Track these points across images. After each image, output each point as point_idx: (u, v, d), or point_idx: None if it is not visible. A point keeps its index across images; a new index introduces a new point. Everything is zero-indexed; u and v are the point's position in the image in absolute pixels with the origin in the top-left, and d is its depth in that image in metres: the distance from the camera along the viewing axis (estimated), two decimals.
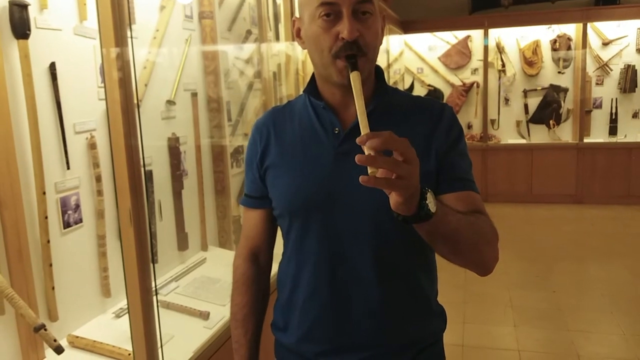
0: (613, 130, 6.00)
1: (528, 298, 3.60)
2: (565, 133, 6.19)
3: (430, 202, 0.82)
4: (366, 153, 0.74)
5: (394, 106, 1.08)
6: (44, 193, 1.56)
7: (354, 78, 0.91)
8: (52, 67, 1.61)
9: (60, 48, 1.65)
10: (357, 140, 0.74)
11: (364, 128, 0.80)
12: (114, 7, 1.23)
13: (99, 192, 1.78)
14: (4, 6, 1.45)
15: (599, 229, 5.17)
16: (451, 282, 3.64)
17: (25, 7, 1.48)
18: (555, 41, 6.05)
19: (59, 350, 1.43)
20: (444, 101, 6.39)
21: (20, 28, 1.48)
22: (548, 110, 6.15)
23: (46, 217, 1.57)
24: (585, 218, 5.53)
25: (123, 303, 1.82)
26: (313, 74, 1.10)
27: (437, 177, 1.02)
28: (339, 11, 0.95)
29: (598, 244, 4.70)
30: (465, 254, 0.96)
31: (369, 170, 0.74)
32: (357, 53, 0.96)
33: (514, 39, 6.18)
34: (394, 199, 0.79)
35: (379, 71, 1.10)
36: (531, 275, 4.01)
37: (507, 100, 6.32)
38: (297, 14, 1.08)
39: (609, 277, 3.94)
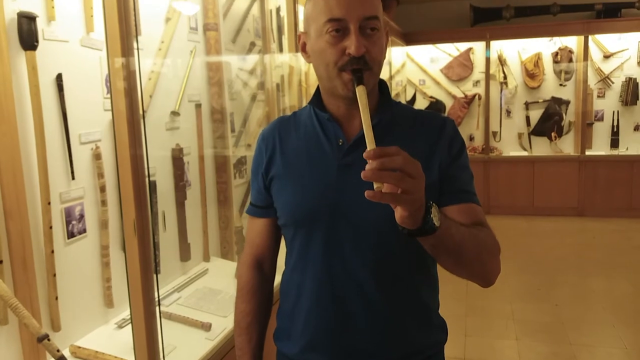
0: (615, 143, 6.01)
1: (530, 311, 3.58)
2: (567, 145, 6.20)
3: (435, 216, 0.83)
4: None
5: (397, 120, 1.09)
6: (49, 203, 1.57)
7: (360, 92, 0.92)
8: (59, 78, 1.63)
9: (67, 59, 1.67)
10: (365, 154, 0.75)
11: (370, 142, 0.81)
12: (120, 18, 1.25)
13: (103, 203, 1.79)
14: (13, 18, 1.47)
15: (601, 241, 5.16)
16: (453, 294, 3.64)
17: (33, 19, 1.50)
18: (556, 54, 6.08)
19: None
20: (446, 113, 6.42)
21: (29, 40, 1.49)
22: (550, 122, 6.16)
23: (51, 227, 1.58)
24: (587, 230, 5.53)
25: (125, 313, 1.82)
26: (318, 86, 1.11)
27: (439, 190, 1.04)
28: (346, 27, 0.97)
29: (600, 256, 4.69)
30: (469, 267, 0.98)
31: (375, 185, 0.75)
32: (363, 68, 0.97)
33: (515, 51, 6.21)
34: (399, 213, 0.80)
35: (383, 85, 1.11)
36: (533, 288, 3.99)
37: (508, 112, 6.34)
38: (301, 28, 1.09)
39: (611, 290, 3.92)
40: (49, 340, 1.42)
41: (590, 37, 5.88)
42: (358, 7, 0.96)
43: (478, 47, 6.31)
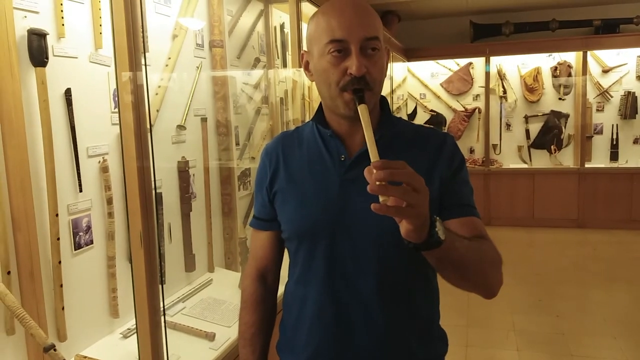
0: (614, 156, 6.03)
1: (531, 322, 3.58)
2: (567, 158, 6.23)
3: (440, 230, 0.84)
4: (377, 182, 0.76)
5: (398, 136, 1.12)
6: (57, 215, 1.60)
7: (362, 110, 0.95)
8: (68, 92, 1.67)
9: (76, 75, 1.70)
10: (372, 164, 0.77)
11: (374, 158, 0.83)
12: (129, 33, 1.28)
13: (110, 214, 1.82)
14: (23, 35, 1.51)
15: (601, 253, 5.16)
16: (454, 305, 3.64)
17: (44, 36, 1.54)
18: (555, 68, 6.13)
19: None
20: (447, 126, 6.46)
21: (39, 56, 1.53)
22: (549, 135, 6.20)
23: (58, 239, 1.60)
24: (588, 242, 5.53)
25: (130, 323, 1.84)
26: (321, 103, 1.14)
27: (440, 204, 1.06)
28: (347, 48, 0.99)
29: (600, 268, 4.70)
30: (472, 279, 0.99)
31: (381, 199, 0.77)
32: (364, 87, 0.99)
33: (515, 66, 6.26)
34: (405, 227, 0.81)
35: (383, 102, 1.14)
36: (534, 299, 4.00)
37: (508, 125, 6.37)
38: (304, 47, 1.12)
39: (612, 301, 3.93)
40: (55, 350, 1.43)
41: (589, 52, 5.93)
42: (359, 28, 0.99)
43: (478, 62, 6.36)
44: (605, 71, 6.01)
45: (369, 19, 1.02)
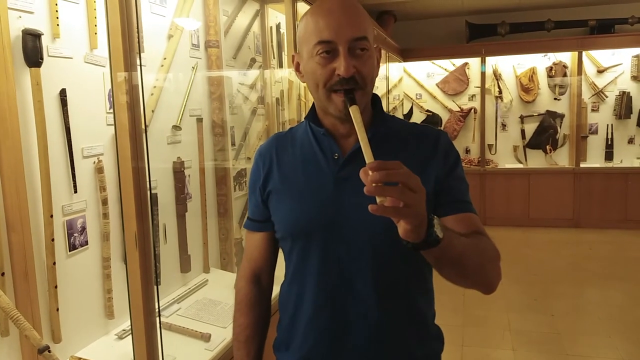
0: (609, 156, 6.06)
1: (526, 322, 3.60)
2: (562, 158, 6.25)
3: (438, 229, 0.85)
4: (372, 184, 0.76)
5: (392, 133, 1.12)
6: (52, 216, 1.59)
7: (354, 112, 0.95)
8: (63, 93, 1.66)
9: (70, 75, 1.70)
10: (367, 166, 0.77)
11: (369, 159, 0.83)
12: (124, 34, 1.28)
13: (105, 215, 1.81)
14: (18, 35, 1.50)
15: (597, 253, 5.18)
16: (450, 305, 3.65)
17: (38, 36, 1.53)
18: (551, 68, 6.15)
19: None
20: (443, 126, 6.48)
21: (33, 56, 1.52)
22: (545, 135, 6.22)
23: (53, 240, 1.59)
24: (583, 242, 5.55)
25: (126, 324, 1.83)
26: (314, 102, 1.14)
27: (435, 201, 1.06)
28: (335, 49, 0.99)
29: (596, 267, 4.72)
30: (472, 276, 0.99)
31: (378, 200, 0.77)
32: (355, 87, 0.99)
33: (510, 66, 6.28)
34: (402, 227, 0.81)
35: (376, 99, 1.13)
36: (529, 298, 4.01)
37: (504, 125, 6.39)
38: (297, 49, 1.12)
39: (607, 301, 3.94)
40: (49, 351, 1.43)
41: (584, 53, 5.95)
42: (347, 29, 0.99)
43: (474, 62, 6.37)
44: (600, 71, 6.03)
45: (357, 19, 1.01)
